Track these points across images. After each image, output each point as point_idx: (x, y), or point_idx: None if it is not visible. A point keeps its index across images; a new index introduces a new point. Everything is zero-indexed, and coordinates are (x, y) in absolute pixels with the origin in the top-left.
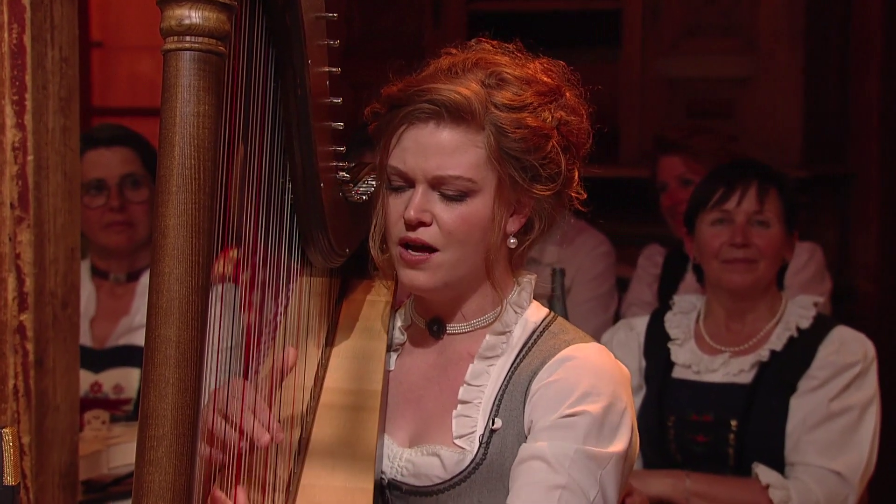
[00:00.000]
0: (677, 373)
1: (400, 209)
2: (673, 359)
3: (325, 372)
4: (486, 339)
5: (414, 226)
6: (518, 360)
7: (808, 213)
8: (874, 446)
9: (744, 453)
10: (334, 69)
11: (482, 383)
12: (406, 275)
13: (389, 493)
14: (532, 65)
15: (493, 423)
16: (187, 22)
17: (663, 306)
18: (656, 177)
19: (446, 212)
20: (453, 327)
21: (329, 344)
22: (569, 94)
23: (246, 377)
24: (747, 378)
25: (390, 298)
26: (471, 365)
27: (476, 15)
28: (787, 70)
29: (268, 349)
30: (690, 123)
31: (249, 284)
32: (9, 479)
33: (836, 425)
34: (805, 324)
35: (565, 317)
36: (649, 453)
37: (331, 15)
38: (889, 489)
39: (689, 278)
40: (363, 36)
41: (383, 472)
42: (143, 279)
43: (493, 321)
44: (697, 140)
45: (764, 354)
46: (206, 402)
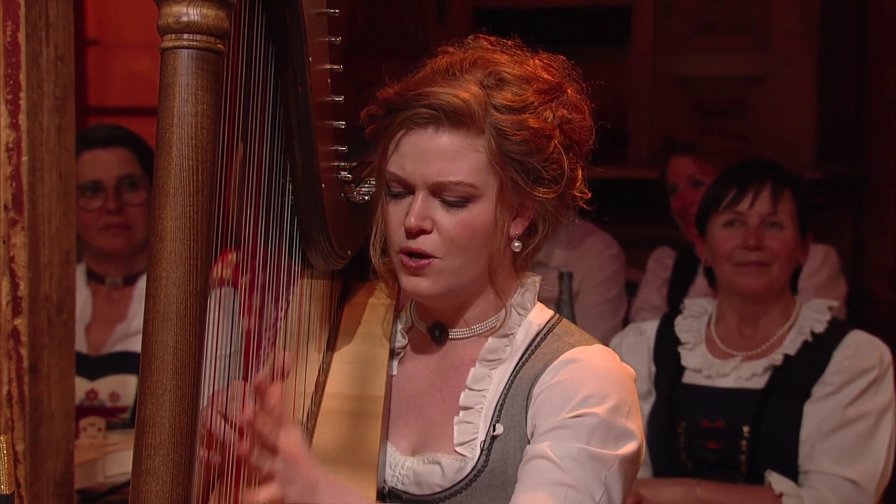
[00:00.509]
0: (688, 378)
1: (400, 216)
2: (683, 363)
3: (326, 377)
4: (489, 343)
5: (415, 234)
6: (521, 364)
7: (822, 215)
8: (890, 454)
9: (756, 461)
10: (336, 66)
11: (484, 388)
12: (408, 282)
13: (389, 502)
14: (532, 61)
15: (494, 430)
16: (185, 19)
17: (673, 310)
18: (666, 178)
19: (447, 218)
20: (455, 332)
21: (330, 348)
22: (570, 91)
23: (246, 382)
24: (760, 383)
25: (393, 301)
26: (472, 369)
27: (481, 12)
28: (800, 68)
29: (268, 354)
30: (701, 123)
31: (249, 288)
32: (3, 488)
33: (852, 432)
34: (819, 328)
35: (573, 321)
36: (659, 461)
37: (332, 11)
38: None
39: (700, 281)
40: (366, 33)
41: (384, 481)
42: (140, 283)
43: (496, 325)
44: (708, 140)
45: (777, 359)
46: (206, 405)
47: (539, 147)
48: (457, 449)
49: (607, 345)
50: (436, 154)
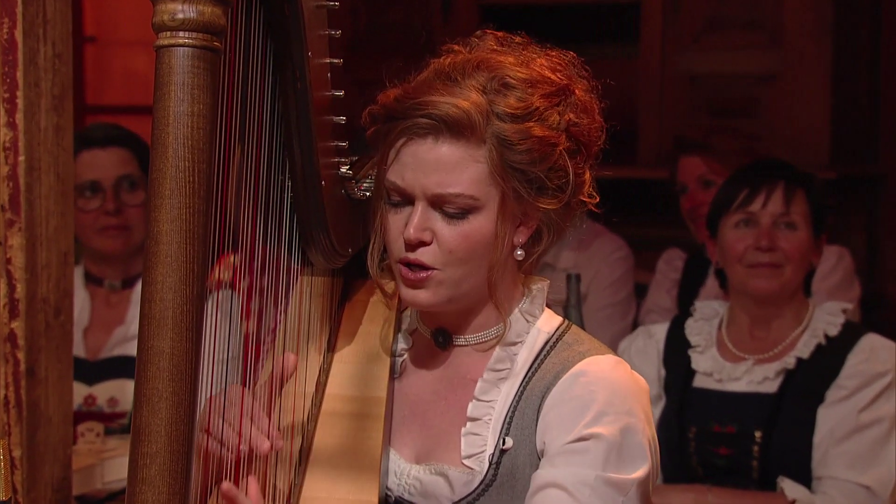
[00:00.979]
0: (698, 381)
1: (399, 226)
2: (694, 367)
3: (327, 377)
4: (496, 353)
5: (414, 245)
6: (530, 374)
7: (836, 216)
8: None
9: (769, 466)
10: (336, 60)
11: (492, 399)
12: (407, 293)
13: None
14: (538, 61)
15: (503, 443)
16: (181, 16)
17: (684, 313)
18: (676, 178)
19: (447, 230)
20: (460, 339)
21: (331, 348)
22: (578, 92)
23: (245, 386)
24: (772, 387)
25: (395, 299)
26: (480, 380)
27: (487, 8)
28: (814, 65)
29: (267, 354)
30: (712, 122)
31: (248, 291)
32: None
33: (866, 437)
34: (833, 331)
35: (581, 325)
36: (669, 467)
37: (332, 3)
38: None
39: (711, 284)
40: (369, 30)
41: (389, 489)
42: (138, 286)
43: (502, 333)
44: (719, 139)
45: (790, 362)
46: (202, 409)
47: (543, 155)
48: (464, 461)
49: (616, 348)
50: (435, 165)
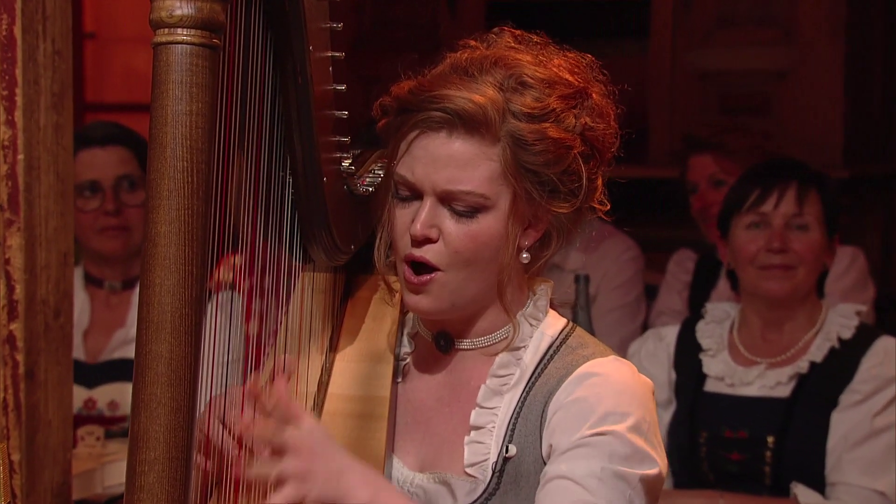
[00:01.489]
0: (710, 386)
1: (406, 221)
2: (705, 371)
3: (329, 377)
4: (500, 358)
5: (420, 242)
6: (533, 379)
7: (849, 216)
8: None
9: (781, 472)
10: (337, 54)
11: (495, 406)
12: (409, 298)
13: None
14: (556, 61)
15: (506, 451)
16: (178, 13)
17: (695, 315)
18: (686, 177)
19: (455, 228)
20: (463, 343)
21: (333, 346)
22: (595, 96)
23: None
24: (785, 391)
25: (399, 296)
26: (483, 386)
27: (495, 4)
28: (827, 63)
29: (268, 355)
30: (723, 120)
31: (250, 291)
32: None
33: (881, 443)
34: (847, 334)
35: (589, 327)
36: (680, 472)
37: None
38: None
39: (722, 285)
40: (374, 25)
41: None
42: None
43: (506, 338)
44: (730, 138)
45: (803, 366)
46: (203, 411)
47: (558, 158)
48: (467, 470)
49: (625, 351)
50: (447, 160)
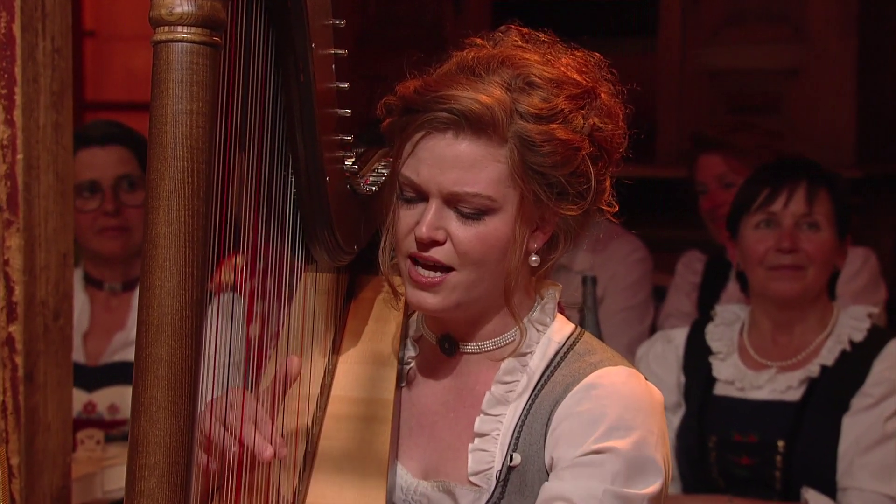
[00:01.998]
0: (719, 389)
1: (411, 223)
2: (714, 374)
3: (332, 379)
4: (505, 364)
5: (426, 244)
6: (539, 387)
7: (861, 216)
8: None
9: (792, 477)
10: (340, 51)
11: (500, 413)
12: (414, 295)
13: None
14: (564, 60)
15: (511, 459)
16: (179, 10)
17: (704, 317)
18: (695, 177)
19: (462, 230)
20: (468, 347)
21: (336, 348)
22: (604, 95)
23: (247, 390)
24: (796, 395)
25: (404, 296)
26: (488, 392)
27: (501, 2)
28: (838, 60)
29: (270, 357)
30: (732, 119)
31: (252, 292)
32: None
33: (893, 447)
34: (858, 336)
35: (597, 329)
36: (689, 477)
37: None
38: None
39: (732, 287)
40: (378, 23)
41: None
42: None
43: (512, 342)
44: (740, 137)
45: (814, 370)
46: (203, 413)
47: (566, 159)
48: (471, 479)
49: (633, 353)
50: (454, 162)
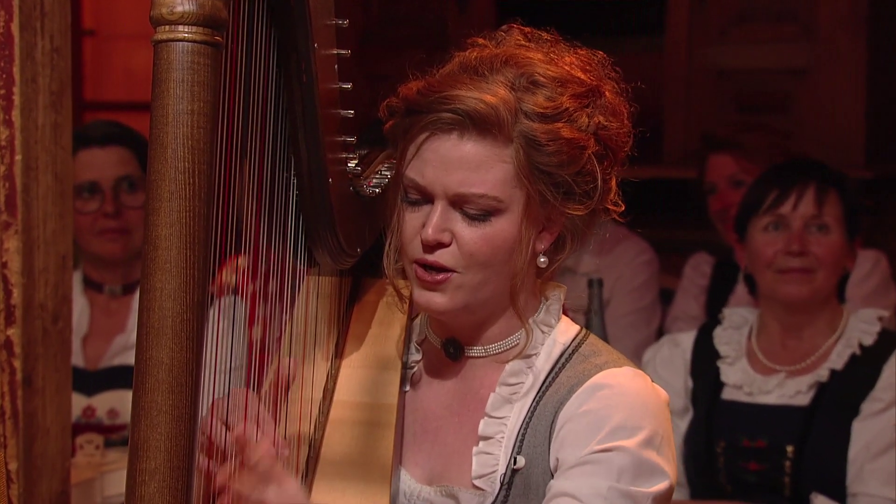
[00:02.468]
0: (727, 394)
1: (417, 225)
2: (723, 379)
3: (335, 383)
4: (510, 366)
5: (432, 247)
6: (544, 388)
7: (871, 218)
8: None
9: (801, 482)
10: (343, 51)
11: (504, 415)
12: (421, 296)
13: None
14: (567, 59)
15: (515, 462)
16: (180, 9)
17: (712, 320)
18: (705, 177)
19: (468, 232)
20: (473, 350)
21: (339, 352)
22: (608, 94)
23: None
24: (805, 400)
25: (406, 303)
26: (492, 395)
27: (505, 1)
28: (848, 59)
29: (272, 360)
30: (740, 119)
31: (253, 295)
32: None
33: None
34: (868, 340)
35: (603, 332)
36: (697, 482)
37: None
38: None
39: (741, 290)
40: (381, 22)
41: None
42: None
43: (517, 344)
44: (752, 137)
45: (823, 374)
46: (204, 415)
47: (572, 158)
48: (475, 482)
49: (640, 357)
50: (459, 163)
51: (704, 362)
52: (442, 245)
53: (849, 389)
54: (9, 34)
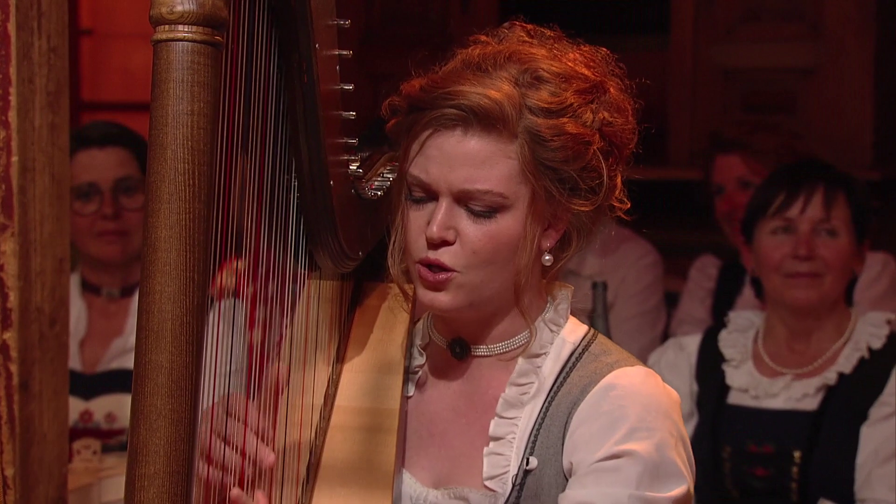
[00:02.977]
0: (733, 398)
1: (421, 223)
2: (728, 382)
3: (336, 389)
4: (519, 365)
5: (436, 244)
6: (556, 388)
7: (880, 220)
8: None
9: (809, 488)
10: (345, 52)
11: (515, 416)
12: (425, 295)
13: None
14: (571, 55)
15: (527, 463)
16: (179, 9)
17: (718, 324)
18: (711, 178)
19: (473, 229)
20: (479, 349)
21: (340, 357)
22: (612, 90)
23: (248, 397)
24: (812, 404)
25: (410, 304)
26: (502, 395)
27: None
28: (856, 59)
29: (272, 365)
30: (746, 119)
31: (253, 298)
32: None
33: None
34: (877, 343)
35: (607, 335)
36: (703, 488)
37: None
38: None
39: (747, 293)
40: (383, 21)
41: None
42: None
43: (525, 343)
44: (761, 138)
45: (831, 378)
46: (201, 421)
47: (577, 154)
48: (486, 483)
49: (645, 361)
50: (463, 159)
51: (710, 366)
52: (446, 242)
53: (857, 393)
54: (5, 34)
